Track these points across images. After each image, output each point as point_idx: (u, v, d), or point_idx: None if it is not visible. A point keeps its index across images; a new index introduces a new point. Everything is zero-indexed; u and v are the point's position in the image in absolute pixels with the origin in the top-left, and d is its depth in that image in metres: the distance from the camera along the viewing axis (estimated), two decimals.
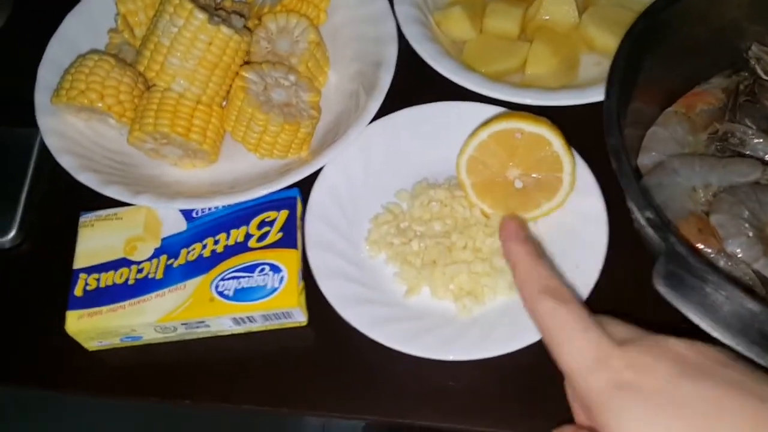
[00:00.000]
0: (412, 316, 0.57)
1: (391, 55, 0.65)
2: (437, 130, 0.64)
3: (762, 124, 0.58)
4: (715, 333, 0.42)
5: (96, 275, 0.58)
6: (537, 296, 0.38)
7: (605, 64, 0.67)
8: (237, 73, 0.62)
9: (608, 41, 0.66)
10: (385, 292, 0.58)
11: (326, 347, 0.59)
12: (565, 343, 0.36)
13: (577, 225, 0.58)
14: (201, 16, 0.57)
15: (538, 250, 0.41)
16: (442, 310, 0.57)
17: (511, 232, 0.42)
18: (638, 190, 0.46)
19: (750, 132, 0.57)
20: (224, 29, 0.58)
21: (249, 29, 0.64)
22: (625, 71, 0.52)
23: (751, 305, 0.40)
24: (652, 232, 0.45)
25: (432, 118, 0.65)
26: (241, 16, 0.63)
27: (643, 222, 0.46)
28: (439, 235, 0.59)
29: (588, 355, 0.35)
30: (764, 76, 0.60)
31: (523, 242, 0.41)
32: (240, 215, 0.60)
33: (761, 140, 0.56)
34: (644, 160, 0.58)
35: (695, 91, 0.61)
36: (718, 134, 0.58)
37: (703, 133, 0.59)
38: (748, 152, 0.57)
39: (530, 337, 0.53)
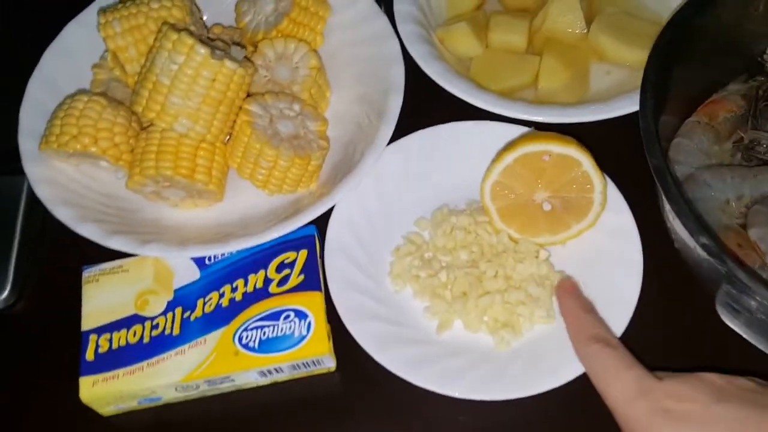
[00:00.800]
0: (447, 353, 0.54)
1: (398, 76, 0.62)
2: (452, 152, 0.62)
3: None
4: None
5: (107, 335, 0.53)
6: (586, 341, 0.46)
7: (615, 73, 0.66)
8: (240, 107, 0.58)
9: (620, 50, 0.64)
10: (416, 328, 0.56)
11: (357, 392, 0.55)
12: (611, 380, 0.43)
13: (609, 244, 0.56)
14: (203, 51, 0.53)
15: (589, 305, 0.50)
16: (478, 344, 0.55)
17: (566, 289, 0.51)
18: (690, 214, 0.44)
19: None
20: (228, 63, 0.54)
21: (249, 59, 0.60)
22: (657, 85, 0.51)
23: None
24: (706, 256, 0.44)
25: (446, 139, 0.62)
26: (241, 46, 0.59)
27: (697, 247, 0.44)
28: (466, 265, 0.57)
29: (632, 388, 0.41)
30: None
31: (576, 297, 0.50)
32: (256, 258, 0.56)
33: None
34: None
35: (714, 98, 0.60)
36: (744, 143, 0.57)
37: (728, 142, 0.58)
38: None
39: (575, 368, 0.51)
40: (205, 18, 0.69)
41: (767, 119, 0.58)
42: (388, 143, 0.60)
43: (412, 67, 0.64)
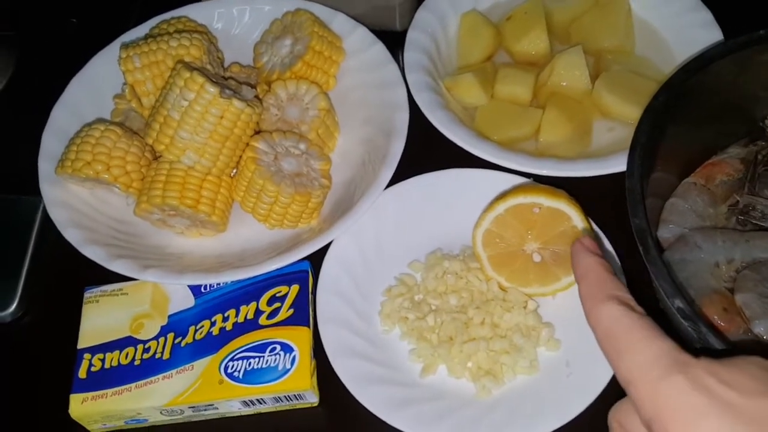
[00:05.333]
0: (428, 397, 0.55)
1: (402, 122, 0.64)
2: (450, 198, 0.63)
3: None
4: None
5: (101, 355, 0.56)
6: (603, 301, 0.36)
7: (618, 130, 0.66)
8: (247, 144, 0.61)
9: (623, 108, 0.65)
10: (400, 370, 0.56)
11: (338, 428, 0.56)
12: (635, 347, 0.34)
13: None
14: (212, 90, 0.56)
15: (611, 267, 0.39)
16: (459, 390, 0.55)
17: (584, 244, 0.40)
18: (668, 277, 0.45)
19: None
20: (236, 102, 0.57)
21: (259, 98, 0.63)
22: (646, 147, 0.51)
23: None
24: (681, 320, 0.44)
25: (444, 185, 0.64)
26: (251, 86, 0.62)
27: (673, 309, 0.44)
28: (455, 310, 0.58)
29: (665, 358, 0.32)
30: None
31: (596, 255, 0.40)
32: (249, 290, 0.58)
33: None
34: (664, 233, 0.57)
35: (713, 160, 0.61)
36: (739, 207, 0.57)
37: (723, 205, 0.58)
38: None
39: (554, 421, 0.52)
40: (225, 56, 0.72)
41: (765, 185, 0.58)
42: (388, 185, 0.62)
43: (418, 114, 0.66)
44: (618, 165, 0.59)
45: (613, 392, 0.52)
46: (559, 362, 0.56)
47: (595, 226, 0.58)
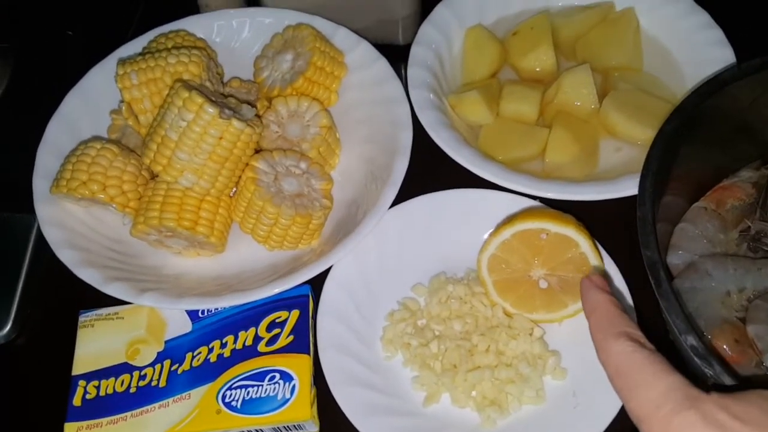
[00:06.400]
0: (431, 428, 0.53)
1: (405, 141, 0.63)
2: (454, 219, 0.62)
3: None
4: None
5: (96, 382, 0.54)
6: (616, 336, 0.37)
7: (626, 150, 0.65)
8: (247, 163, 0.59)
9: (631, 128, 0.64)
10: (403, 398, 0.55)
11: None
12: (647, 383, 0.34)
13: None
14: (212, 110, 0.54)
15: (620, 305, 0.40)
16: (464, 420, 0.54)
17: (594, 282, 0.42)
18: (680, 313, 0.43)
19: None
20: (235, 123, 0.55)
21: (259, 117, 0.62)
22: (657, 174, 0.50)
23: None
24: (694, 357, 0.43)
25: (449, 206, 0.62)
26: (252, 105, 0.61)
27: (685, 346, 0.43)
28: (459, 336, 0.56)
29: (677, 394, 0.33)
30: None
31: (606, 293, 0.41)
32: (248, 315, 0.56)
33: None
34: (674, 260, 0.56)
35: (724, 184, 0.59)
36: (751, 233, 0.56)
37: (734, 231, 0.57)
38: None
39: None
40: (225, 70, 0.71)
41: None
42: (392, 206, 0.61)
43: (422, 132, 0.64)
44: (627, 189, 0.58)
45: (622, 425, 0.50)
46: (565, 392, 0.54)
47: (603, 253, 0.57)
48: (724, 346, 0.51)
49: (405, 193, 0.62)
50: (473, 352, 0.56)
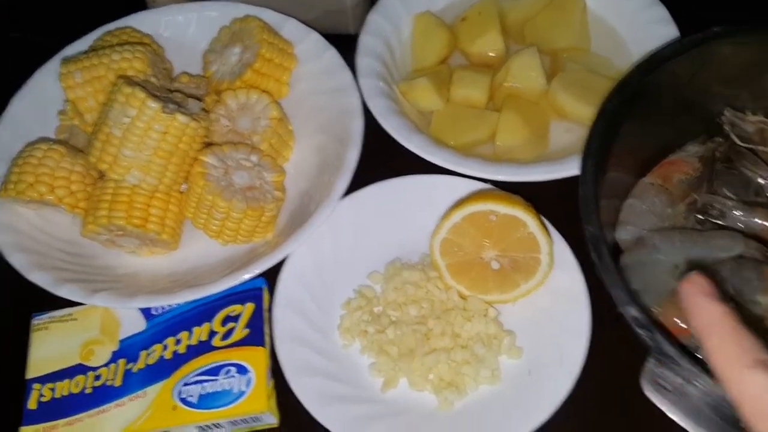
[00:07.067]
0: (390, 412, 0.54)
1: (356, 130, 0.63)
2: (407, 206, 0.62)
3: (740, 193, 0.57)
4: None
5: (51, 385, 0.54)
6: (747, 372, 0.30)
7: (576, 131, 0.66)
8: (196, 158, 0.59)
9: (579, 109, 0.64)
10: (361, 386, 0.55)
11: None
12: None
13: (557, 305, 0.56)
14: (154, 105, 0.54)
15: (735, 313, 0.32)
16: (421, 403, 0.54)
17: (698, 285, 0.33)
18: (620, 284, 0.44)
19: (729, 203, 0.55)
20: (180, 117, 0.55)
21: (206, 111, 0.61)
22: (599, 152, 0.50)
23: None
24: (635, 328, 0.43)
25: (402, 193, 0.62)
26: (198, 99, 0.60)
27: (627, 318, 0.43)
28: (415, 321, 0.57)
29: None
30: (739, 142, 0.59)
31: (717, 300, 0.33)
32: (203, 310, 0.56)
33: (741, 212, 0.55)
34: (622, 235, 0.56)
35: (670, 159, 0.60)
36: (697, 206, 0.57)
37: (682, 204, 0.58)
38: (728, 224, 0.55)
39: (519, 430, 0.51)
40: (175, 65, 0.70)
41: (723, 182, 0.57)
42: (345, 195, 0.61)
43: (374, 121, 0.64)
44: (574, 168, 0.58)
45: (576, 396, 0.51)
46: (521, 371, 0.55)
47: (554, 231, 0.57)
48: (675, 319, 0.51)
49: (358, 182, 0.62)
50: (429, 336, 0.56)
